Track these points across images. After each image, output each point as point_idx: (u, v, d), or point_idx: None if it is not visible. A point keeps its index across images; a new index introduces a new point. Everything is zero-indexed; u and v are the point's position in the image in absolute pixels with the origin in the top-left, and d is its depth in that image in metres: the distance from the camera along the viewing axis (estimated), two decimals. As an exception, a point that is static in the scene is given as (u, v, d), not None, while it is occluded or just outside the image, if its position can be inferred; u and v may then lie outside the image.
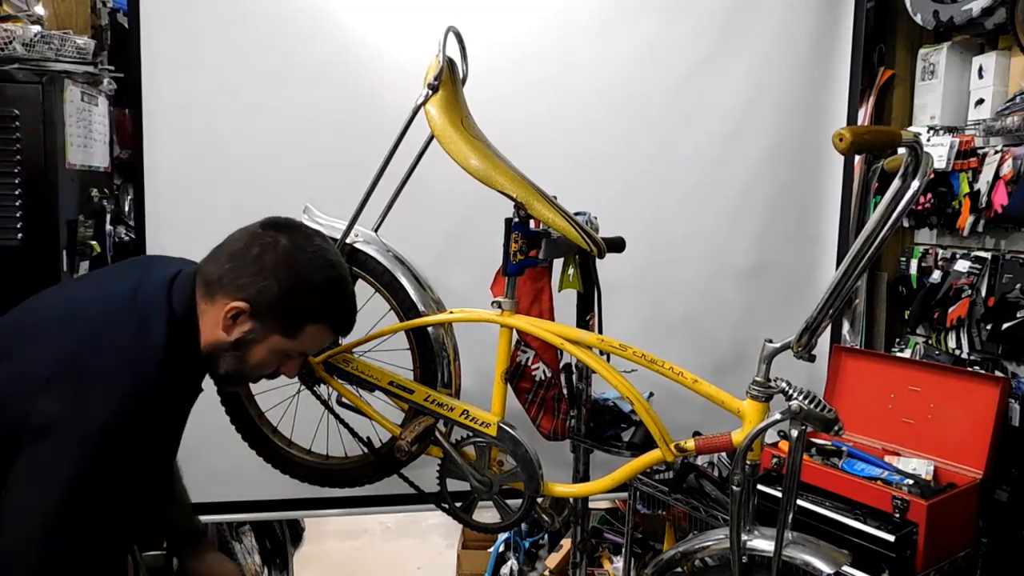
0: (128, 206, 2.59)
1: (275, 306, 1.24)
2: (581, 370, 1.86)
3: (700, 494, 2.04)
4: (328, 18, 2.15)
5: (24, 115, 1.94)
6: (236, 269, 1.23)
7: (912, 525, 1.80)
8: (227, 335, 1.24)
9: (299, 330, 1.28)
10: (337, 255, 1.34)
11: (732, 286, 2.46)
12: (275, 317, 1.25)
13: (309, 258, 1.26)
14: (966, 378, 2.08)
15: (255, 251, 1.24)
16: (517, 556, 3.24)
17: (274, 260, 1.23)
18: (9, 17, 2.05)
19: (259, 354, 1.28)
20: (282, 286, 1.23)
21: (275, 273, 1.23)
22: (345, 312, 1.35)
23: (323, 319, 1.31)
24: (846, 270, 1.25)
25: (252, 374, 1.35)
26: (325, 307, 1.30)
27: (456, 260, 2.21)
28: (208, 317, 1.25)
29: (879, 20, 2.72)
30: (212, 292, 1.24)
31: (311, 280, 1.26)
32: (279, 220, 1.30)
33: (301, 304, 1.26)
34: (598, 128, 2.31)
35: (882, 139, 1.19)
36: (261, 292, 1.23)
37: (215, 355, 1.27)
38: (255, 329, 1.25)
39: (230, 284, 1.23)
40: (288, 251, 1.25)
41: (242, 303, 1.22)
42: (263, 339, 1.26)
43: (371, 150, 1.72)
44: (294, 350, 1.32)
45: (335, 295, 1.31)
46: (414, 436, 1.66)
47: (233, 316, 1.23)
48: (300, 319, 1.27)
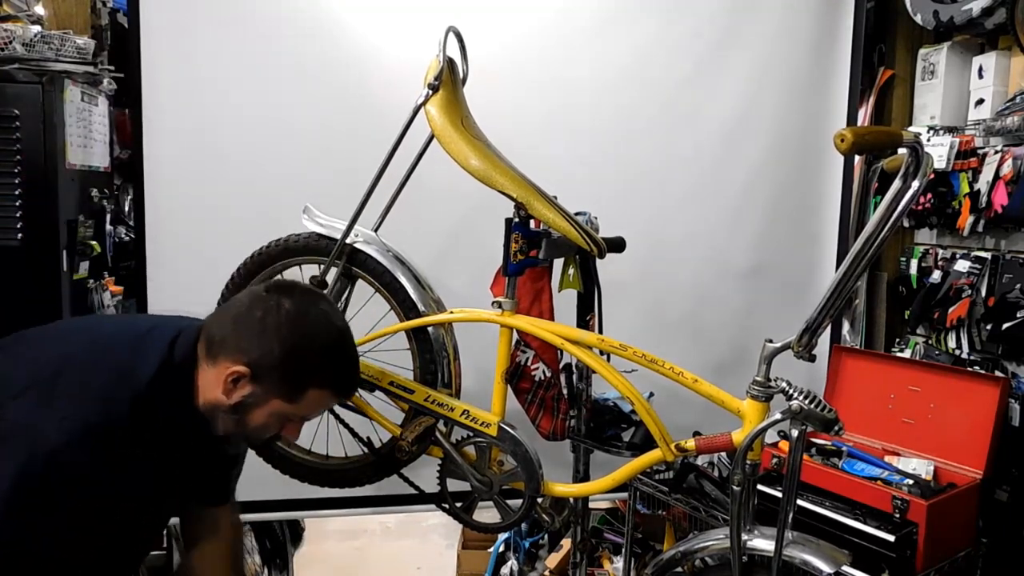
0: (128, 206, 2.59)
1: (276, 371, 1.20)
2: (581, 370, 1.86)
3: (700, 494, 2.04)
4: (328, 18, 2.15)
5: (24, 115, 1.94)
6: (239, 332, 1.20)
7: (912, 525, 1.80)
8: (227, 398, 1.21)
9: (300, 395, 1.24)
10: (341, 318, 1.31)
11: (732, 286, 2.46)
12: (276, 382, 1.21)
13: (312, 322, 1.23)
14: (966, 378, 2.08)
15: (258, 314, 1.21)
16: (517, 556, 3.24)
17: (276, 323, 1.20)
18: (9, 17, 2.05)
19: (259, 418, 1.24)
20: (284, 350, 1.20)
21: (277, 337, 1.20)
22: (348, 377, 1.32)
23: (325, 384, 1.27)
24: (846, 270, 1.25)
25: (252, 437, 1.32)
26: (327, 372, 1.26)
27: (456, 260, 2.21)
28: (209, 376, 1.22)
29: (879, 20, 2.72)
30: (214, 353, 1.21)
31: (313, 345, 1.23)
32: (284, 283, 1.29)
33: (303, 369, 1.23)
34: (598, 128, 2.31)
35: (883, 139, 1.19)
36: (263, 356, 1.19)
37: (213, 415, 1.24)
38: (255, 393, 1.21)
39: (232, 347, 1.20)
40: (291, 315, 1.21)
41: (243, 367, 1.19)
42: (263, 403, 1.23)
43: (371, 150, 1.72)
44: (295, 414, 1.28)
45: (338, 360, 1.27)
46: (414, 436, 1.66)
47: (234, 380, 1.20)
48: (302, 384, 1.23)
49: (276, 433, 1.31)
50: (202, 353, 1.23)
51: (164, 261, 2.14)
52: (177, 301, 2.07)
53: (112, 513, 1.23)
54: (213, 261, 1.95)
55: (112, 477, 1.18)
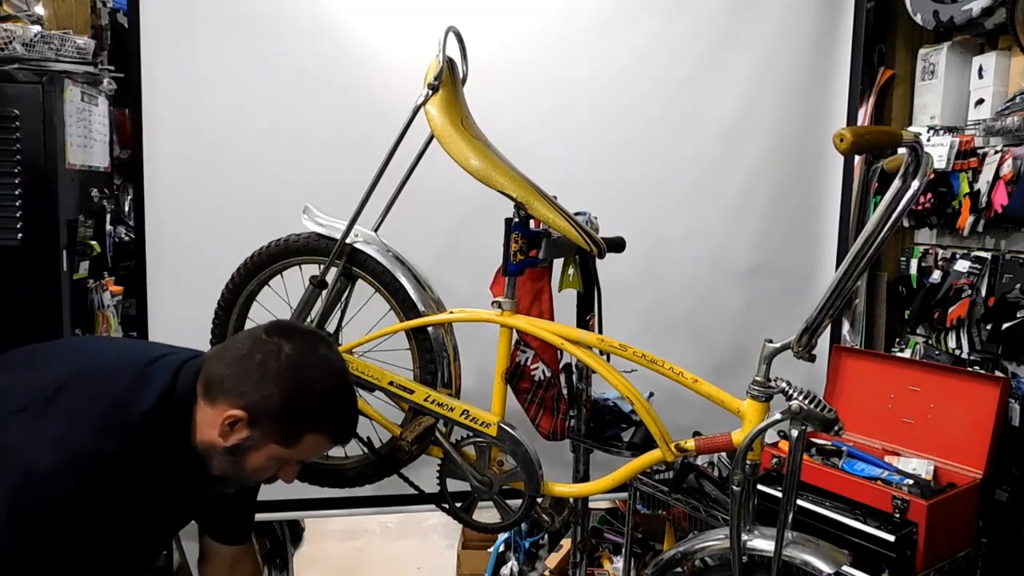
0: (128, 206, 2.59)
1: (274, 415, 1.20)
2: (581, 370, 1.86)
3: (700, 494, 2.04)
4: (328, 18, 2.15)
5: (24, 115, 1.94)
6: (237, 376, 1.19)
7: (912, 525, 1.80)
8: (223, 440, 1.20)
9: (298, 440, 1.23)
10: (341, 362, 1.30)
11: (732, 286, 2.46)
12: (273, 427, 1.21)
13: (312, 368, 1.22)
14: (966, 378, 2.08)
15: (258, 358, 1.20)
16: (517, 556, 3.24)
17: (276, 368, 1.19)
18: (9, 17, 2.05)
19: (255, 461, 1.24)
20: (282, 395, 1.19)
21: (276, 382, 1.19)
22: (346, 423, 1.31)
23: (323, 429, 1.26)
24: (846, 270, 1.25)
25: (248, 479, 1.30)
26: (325, 417, 1.26)
27: (456, 260, 2.21)
28: (206, 416, 1.21)
29: (879, 20, 2.72)
30: (213, 394, 1.21)
31: (312, 391, 1.22)
32: (285, 325, 1.27)
33: (301, 414, 1.22)
34: (598, 128, 2.31)
35: (883, 139, 1.19)
36: (261, 400, 1.19)
37: (209, 455, 1.23)
38: (252, 437, 1.20)
39: (231, 390, 1.19)
40: (291, 359, 1.20)
41: (240, 411, 1.19)
42: (260, 447, 1.22)
43: (371, 150, 1.72)
44: (292, 459, 1.27)
45: (336, 405, 1.27)
46: (414, 436, 1.66)
47: (231, 423, 1.19)
48: (299, 429, 1.23)
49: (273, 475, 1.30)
50: (201, 391, 1.22)
51: (164, 261, 2.14)
52: (177, 301, 2.08)
53: (109, 540, 1.22)
54: (213, 261, 1.95)
55: (106, 505, 1.17)
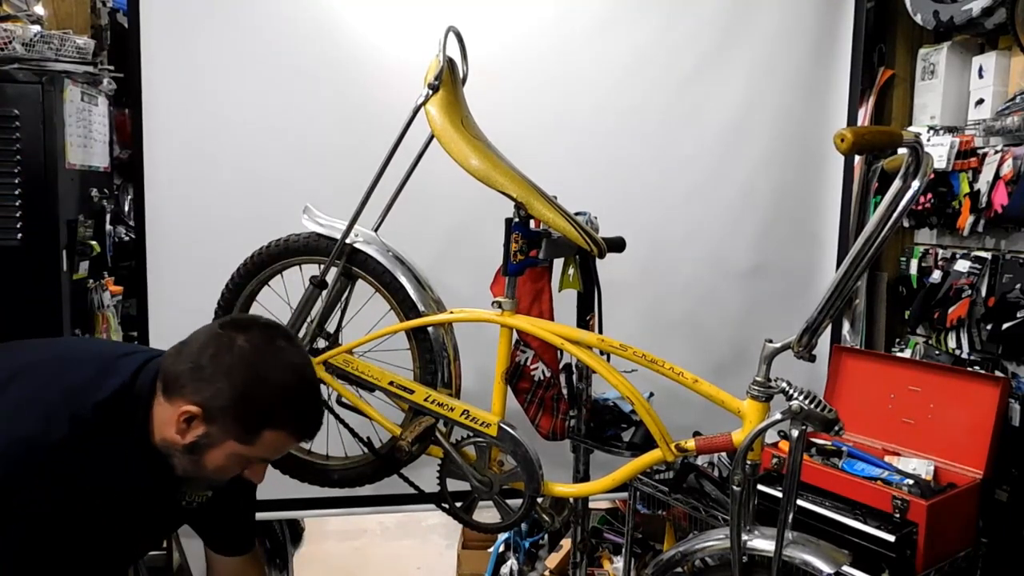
0: (128, 206, 2.59)
1: (228, 412, 1.16)
2: (581, 370, 1.86)
3: (700, 494, 2.04)
4: (328, 18, 2.15)
5: (24, 115, 1.94)
6: (192, 371, 1.16)
7: (912, 525, 1.80)
8: (181, 438, 1.17)
9: (256, 437, 1.18)
10: (302, 355, 1.25)
11: (732, 286, 2.46)
12: (229, 423, 1.16)
13: (265, 361, 1.18)
14: (966, 378, 2.08)
15: (211, 352, 1.16)
16: (517, 556, 3.24)
17: (228, 362, 1.15)
18: (9, 17, 2.05)
19: (215, 459, 1.20)
20: (235, 391, 1.15)
21: (228, 376, 1.15)
22: (307, 418, 1.25)
23: (282, 426, 1.20)
24: (846, 270, 1.25)
25: (212, 478, 1.25)
26: (284, 413, 1.20)
27: (456, 260, 2.21)
28: (164, 414, 1.19)
29: (879, 20, 2.71)
30: (169, 391, 1.18)
31: (267, 386, 1.17)
32: (241, 319, 1.23)
33: (256, 409, 1.17)
34: (599, 128, 2.31)
35: (883, 139, 1.19)
36: (214, 397, 1.15)
37: (170, 454, 1.20)
38: (209, 434, 1.17)
39: (186, 386, 1.16)
40: (244, 353, 1.16)
41: (194, 407, 1.15)
42: (218, 444, 1.18)
43: (371, 150, 1.72)
44: (253, 456, 1.22)
45: (295, 400, 1.21)
46: (414, 436, 1.66)
47: (186, 420, 1.16)
48: (256, 425, 1.18)
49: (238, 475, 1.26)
50: (160, 388, 1.19)
51: (164, 261, 2.14)
52: (177, 301, 2.08)
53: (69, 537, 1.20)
54: (213, 261, 1.95)
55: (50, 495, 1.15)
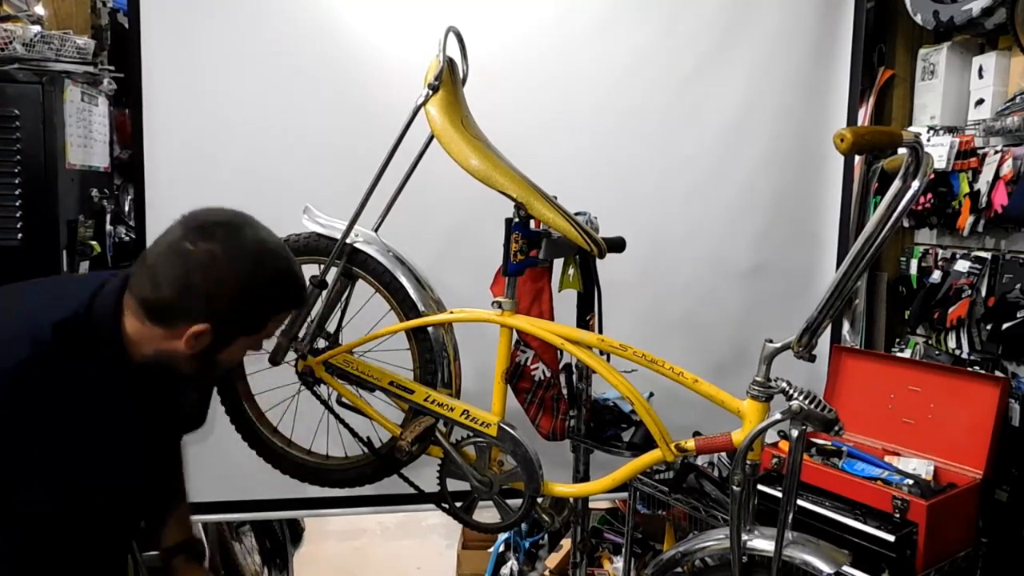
0: (128, 206, 2.59)
1: (235, 316, 1.22)
2: (581, 370, 1.86)
3: (700, 494, 2.04)
4: (328, 18, 2.15)
5: (24, 115, 1.94)
6: (183, 297, 1.18)
7: (912, 525, 1.80)
8: (190, 350, 1.21)
9: (263, 324, 1.29)
10: (272, 236, 1.29)
11: (732, 286, 2.46)
12: (237, 325, 1.24)
13: (252, 259, 1.22)
14: (966, 378, 2.08)
15: (197, 273, 1.17)
16: (517, 556, 3.24)
17: (218, 277, 1.18)
18: (9, 17, 2.05)
19: (228, 355, 1.28)
20: (236, 299, 1.20)
21: (227, 289, 1.19)
22: (298, 291, 1.33)
23: (282, 307, 1.30)
24: (846, 270, 1.25)
25: (221, 371, 1.35)
26: (281, 296, 1.29)
27: (456, 260, 2.21)
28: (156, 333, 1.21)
29: (879, 20, 2.72)
30: (159, 317, 1.19)
31: (262, 280, 1.23)
32: (203, 225, 1.22)
33: (259, 304, 1.25)
34: (599, 128, 2.31)
35: (883, 139, 1.19)
36: (218, 311, 1.19)
37: (172, 362, 1.23)
38: (219, 339, 1.23)
39: (181, 311, 1.18)
40: (230, 260, 1.19)
41: (202, 325, 1.19)
42: (230, 343, 1.25)
43: (371, 150, 1.72)
44: (260, 340, 1.33)
45: (286, 283, 1.29)
46: (414, 436, 1.66)
47: (196, 336, 1.20)
48: (262, 316, 1.27)
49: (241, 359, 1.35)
50: (132, 309, 1.21)
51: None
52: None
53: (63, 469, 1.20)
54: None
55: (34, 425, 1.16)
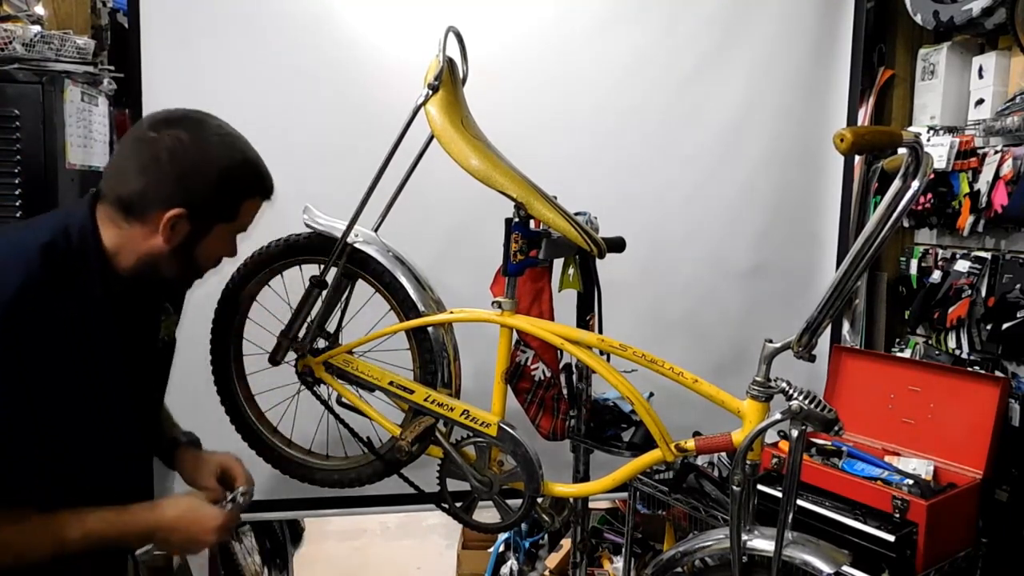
0: (128, 206, 2.58)
1: (211, 200, 1.25)
2: (581, 370, 1.86)
3: (700, 494, 2.04)
4: (328, 18, 2.15)
5: (24, 115, 1.94)
6: (154, 182, 1.21)
7: (912, 525, 1.80)
8: (168, 243, 1.24)
9: (237, 211, 1.30)
10: (224, 122, 1.32)
11: (732, 286, 2.46)
12: (213, 210, 1.26)
13: (219, 141, 1.26)
14: (966, 378, 2.08)
15: (165, 156, 1.21)
16: (517, 556, 3.24)
17: (190, 158, 1.22)
18: (9, 17, 2.05)
19: (206, 248, 1.30)
20: (209, 178, 1.23)
21: (197, 169, 1.22)
22: (267, 176, 1.35)
23: (254, 191, 1.32)
24: (846, 270, 1.25)
25: (201, 269, 1.35)
26: (252, 179, 1.31)
27: (456, 260, 2.21)
28: (134, 234, 1.23)
29: (879, 20, 2.72)
30: (134, 211, 1.22)
31: (230, 160, 1.27)
32: (168, 116, 1.26)
33: (232, 187, 1.27)
34: (599, 128, 2.32)
35: (883, 139, 1.19)
36: (193, 192, 1.22)
37: (155, 265, 1.25)
38: (196, 227, 1.25)
39: (154, 198, 1.21)
40: (196, 142, 1.23)
41: (179, 209, 1.21)
42: (207, 232, 1.28)
43: (371, 150, 1.72)
44: (236, 229, 1.34)
45: (256, 166, 1.32)
46: (414, 436, 1.66)
47: (173, 224, 1.22)
48: (236, 200, 1.29)
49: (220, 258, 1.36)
50: (111, 218, 1.23)
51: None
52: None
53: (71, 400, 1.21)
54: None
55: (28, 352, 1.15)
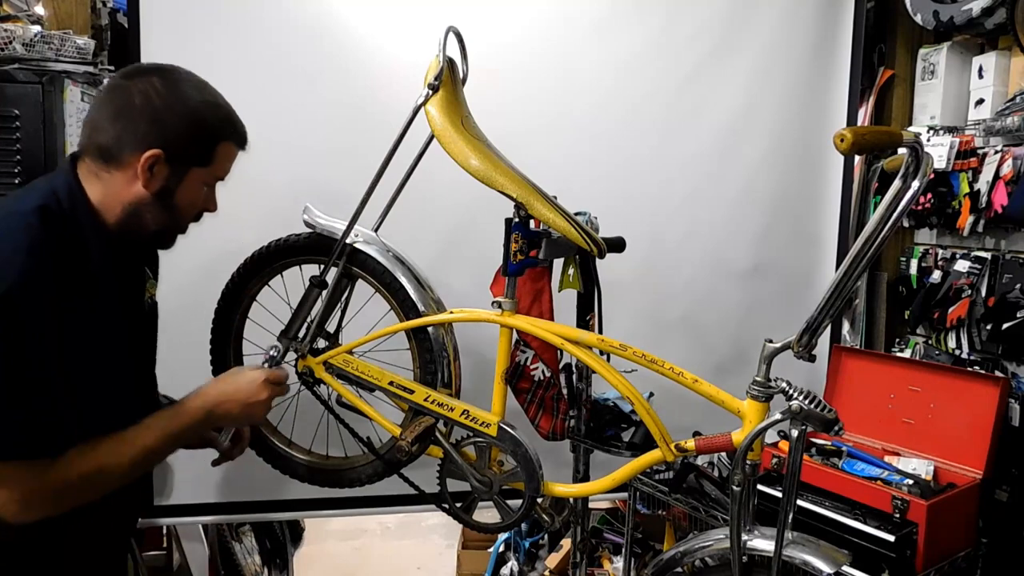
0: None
1: (185, 139, 1.26)
2: (581, 370, 1.86)
3: (700, 494, 2.04)
4: (328, 18, 2.14)
5: (24, 115, 1.94)
6: (130, 125, 1.23)
7: (912, 525, 1.80)
8: (148, 189, 1.25)
9: (212, 154, 1.31)
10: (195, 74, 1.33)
11: (732, 286, 2.46)
12: (189, 151, 1.27)
13: (189, 85, 1.28)
14: (966, 378, 2.08)
15: (138, 100, 1.23)
16: (517, 556, 3.24)
17: (162, 100, 1.24)
18: (9, 17, 2.05)
19: (184, 194, 1.30)
20: (183, 119, 1.25)
21: (171, 110, 1.24)
22: (240, 123, 1.37)
23: (227, 135, 1.33)
24: (846, 270, 1.25)
25: (183, 219, 1.36)
26: (225, 124, 1.33)
27: (456, 260, 2.21)
28: (116, 183, 1.25)
29: (879, 20, 2.72)
30: (113, 156, 1.24)
31: (203, 103, 1.29)
32: (141, 66, 1.31)
33: (206, 127, 1.29)
34: (599, 128, 2.31)
35: (883, 139, 1.19)
36: (168, 133, 1.24)
37: (139, 216, 1.27)
38: (174, 171, 1.27)
39: (131, 140, 1.23)
40: (169, 87, 1.25)
41: (154, 150, 1.23)
42: (184, 177, 1.29)
43: (371, 150, 1.72)
44: (212, 176, 1.35)
45: (225, 109, 1.33)
46: (414, 436, 1.66)
47: (150, 166, 1.23)
48: (210, 142, 1.30)
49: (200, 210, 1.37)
50: (92, 172, 1.25)
51: (163, 262, 2.13)
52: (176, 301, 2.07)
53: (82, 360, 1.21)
54: (212, 261, 1.95)
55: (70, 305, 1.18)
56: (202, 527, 2.59)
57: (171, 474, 2.20)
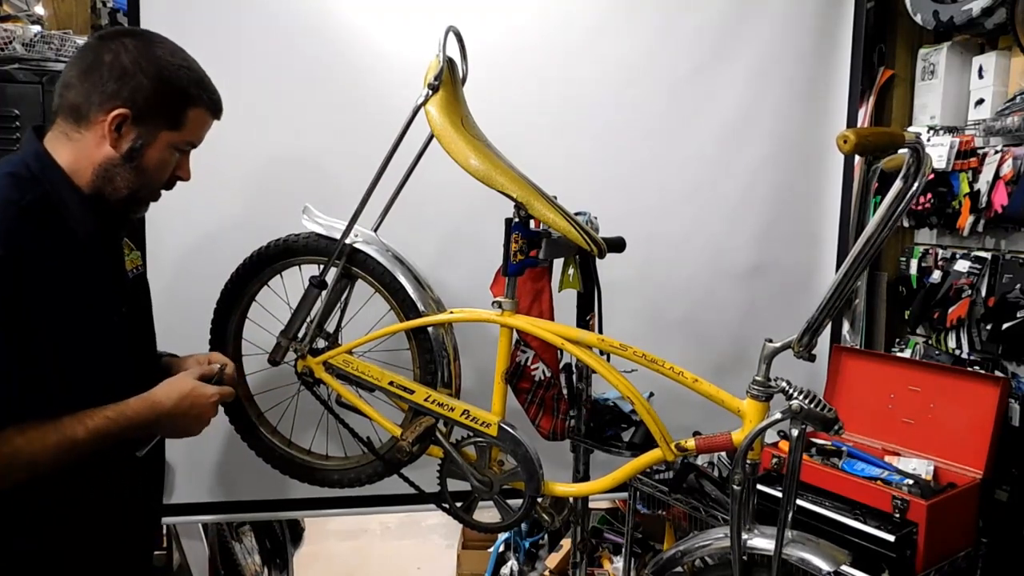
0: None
1: (153, 99, 1.24)
2: (581, 370, 1.86)
3: (700, 494, 2.04)
4: (328, 18, 2.14)
5: (24, 115, 1.94)
6: (98, 83, 1.22)
7: (912, 525, 1.80)
8: (116, 150, 1.24)
9: (183, 118, 1.29)
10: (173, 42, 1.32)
11: (732, 286, 2.46)
12: (157, 112, 1.26)
13: (160, 48, 1.27)
14: (966, 378, 2.08)
15: (108, 58, 1.22)
16: (517, 556, 3.24)
17: (131, 59, 1.23)
18: (9, 17, 2.05)
19: (153, 157, 1.28)
20: (151, 79, 1.23)
21: (139, 69, 1.23)
22: (213, 89, 1.35)
23: (199, 101, 1.31)
24: (846, 270, 1.25)
25: (153, 183, 1.33)
26: (196, 89, 1.31)
27: (456, 260, 2.21)
28: (86, 143, 1.24)
29: (879, 20, 2.72)
30: (82, 115, 1.23)
31: (174, 65, 1.27)
32: (116, 29, 1.32)
33: (175, 90, 1.27)
34: (599, 128, 2.31)
35: (885, 140, 1.19)
36: (135, 91, 1.22)
37: (109, 178, 1.26)
38: (142, 133, 1.25)
39: (98, 98, 1.22)
40: (140, 47, 1.24)
41: (121, 109, 1.22)
42: (153, 140, 1.27)
43: (371, 150, 1.72)
44: (183, 142, 1.32)
45: (197, 74, 1.31)
46: (415, 436, 1.66)
47: (117, 126, 1.23)
48: (180, 106, 1.28)
49: (172, 176, 1.35)
50: (64, 133, 1.24)
51: (163, 262, 2.14)
52: (176, 301, 2.08)
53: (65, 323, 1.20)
54: (212, 261, 1.95)
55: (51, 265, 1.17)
56: (202, 526, 2.59)
57: (171, 473, 2.20)
